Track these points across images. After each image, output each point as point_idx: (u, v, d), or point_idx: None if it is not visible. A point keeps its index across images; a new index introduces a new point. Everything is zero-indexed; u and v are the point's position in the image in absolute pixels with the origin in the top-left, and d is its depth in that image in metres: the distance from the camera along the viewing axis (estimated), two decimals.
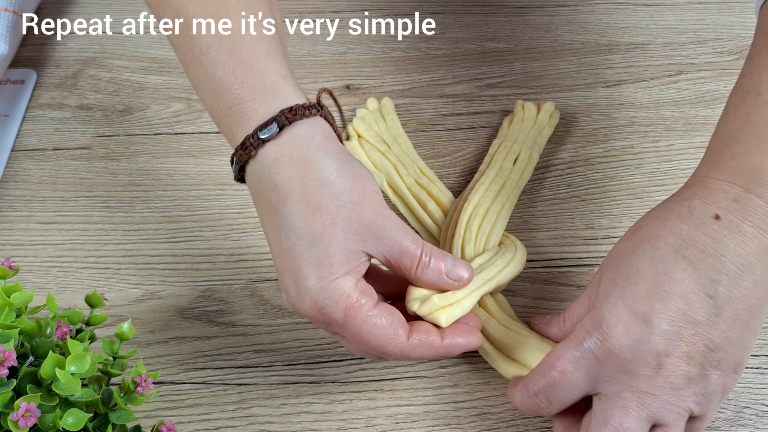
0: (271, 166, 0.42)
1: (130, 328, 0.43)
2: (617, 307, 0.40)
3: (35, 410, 0.35)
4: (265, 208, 0.43)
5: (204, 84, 0.45)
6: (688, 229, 0.40)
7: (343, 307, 0.41)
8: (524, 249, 0.54)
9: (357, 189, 0.42)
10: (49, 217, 0.60)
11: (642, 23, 0.72)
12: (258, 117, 0.43)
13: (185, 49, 0.45)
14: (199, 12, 0.45)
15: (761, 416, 0.49)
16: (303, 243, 0.41)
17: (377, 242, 0.42)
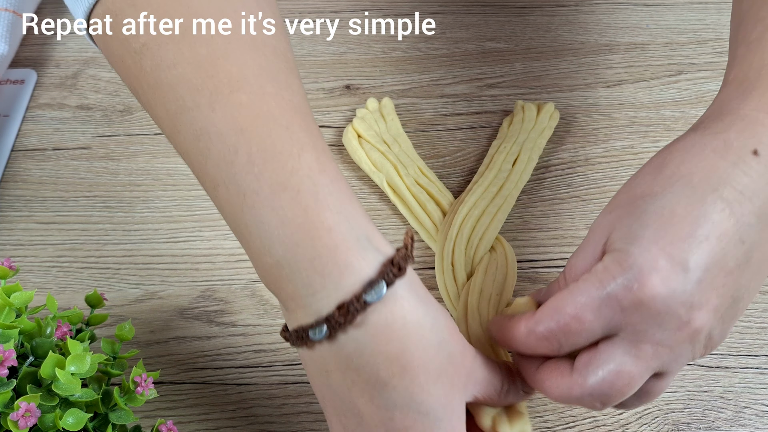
0: (380, 335, 0.35)
1: (130, 328, 0.44)
2: (651, 251, 0.35)
3: (35, 410, 0.35)
4: (363, 382, 0.35)
5: (272, 227, 0.35)
6: (725, 166, 0.36)
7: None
8: (513, 254, 0.54)
9: (460, 341, 0.37)
10: (49, 217, 0.60)
11: (642, 23, 0.72)
12: (356, 273, 0.34)
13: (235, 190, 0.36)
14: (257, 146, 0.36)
15: (761, 416, 0.49)
16: (427, 420, 0.36)
17: (477, 386, 0.39)
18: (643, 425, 0.48)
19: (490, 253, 0.54)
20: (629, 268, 0.35)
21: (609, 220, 0.38)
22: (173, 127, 0.38)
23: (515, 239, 0.57)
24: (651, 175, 0.38)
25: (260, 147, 0.35)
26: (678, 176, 0.37)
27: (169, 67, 0.37)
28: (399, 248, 0.36)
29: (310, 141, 0.36)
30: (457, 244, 0.53)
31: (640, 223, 0.36)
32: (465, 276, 0.53)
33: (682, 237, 0.35)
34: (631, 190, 0.38)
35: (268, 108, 0.36)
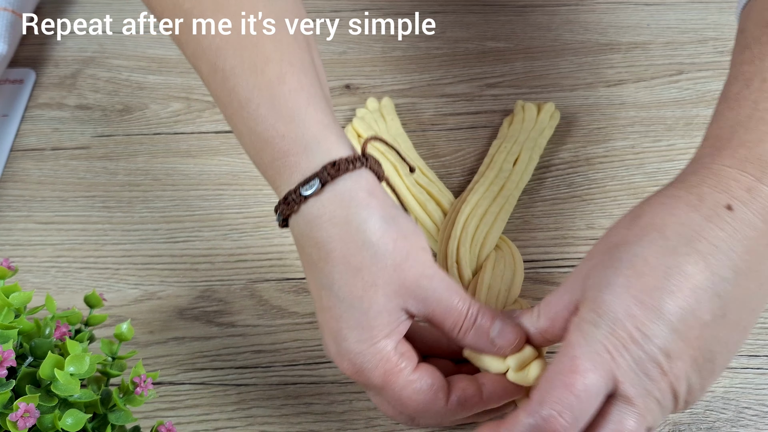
0: (312, 223, 0.41)
1: (129, 328, 0.43)
2: (623, 297, 0.36)
3: (34, 411, 0.35)
4: (307, 263, 0.42)
5: (246, 137, 0.43)
6: (699, 219, 0.36)
7: (382, 371, 0.40)
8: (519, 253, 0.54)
9: (400, 249, 0.40)
10: (47, 217, 0.59)
11: (643, 23, 0.72)
12: (301, 172, 0.41)
13: (225, 101, 0.44)
14: (236, 63, 0.43)
15: (762, 416, 0.49)
16: (343, 305, 0.40)
17: (419, 303, 0.41)
18: None
19: (496, 251, 0.54)
20: (604, 314, 0.36)
21: (586, 267, 0.39)
22: (184, 38, 0.46)
23: (516, 239, 0.56)
24: (626, 226, 0.39)
25: (232, 63, 0.43)
26: (652, 227, 0.37)
27: None
28: (351, 155, 0.41)
29: (277, 55, 0.43)
30: (462, 242, 0.53)
31: (613, 270, 0.37)
32: (471, 274, 0.53)
33: (655, 286, 0.36)
34: (608, 239, 0.39)
35: (239, 26, 0.43)
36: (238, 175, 0.61)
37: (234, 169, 0.62)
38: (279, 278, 0.56)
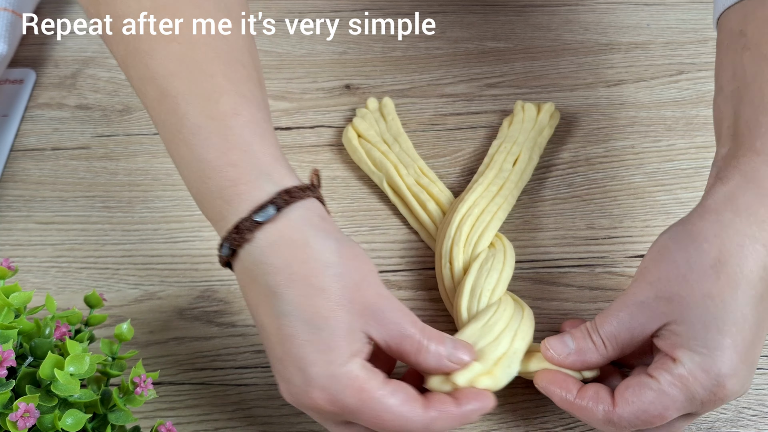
0: (268, 249, 0.40)
1: (129, 328, 0.43)
2: (733, 359, 0.39)
3: (34, 411, 0.35)
4: (261, 294, 0.40)
5: (191, 164, 0.42)
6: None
7: (355, 390, 0.39)
8: (512, 250, 0.53)
9: (357, 270, 0.41)
10: (47, 217, 0.59)
11: (643, 23, 0.72)
12: (253, 200, 0.40)
13: (171, 127, 0.42)
14: (188, 90, 0.42)
15: (762, 416, 0.49)
16: (308, 328, 0.39)
17: (379, 325, 0.40)
18: None
19: (488, 250, 0.54)
20: (715, 376, 0.39)
21: (664, 309, 0.41)
22: (125, 71, 0.45)
23: (516, 239, 0.56)
24: (711, 271, 0.40)
25: (182, 92, 0.42)
26: (741, 277, 0.40)
27: (119, 18, 0.44)
28: (302, 184, 0.42)
29: (231, 87, 0.42)
30: (455, 242, 0.53)
31: (717, 329, 0.40)
32: (463, 273, 0.52)
33: (751, 340, 0.40)
34: (690, 284, 0.41)
35: (194, 57, 0.42)
36: None
37: None
38: None
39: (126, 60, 0.44)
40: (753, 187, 0.41)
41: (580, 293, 0.54)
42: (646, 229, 0.57)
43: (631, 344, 0.43)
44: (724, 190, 0.42)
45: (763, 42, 0.44)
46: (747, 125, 0.43)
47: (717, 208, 0.42)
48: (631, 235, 0.57)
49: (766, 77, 0.43)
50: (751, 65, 0.44)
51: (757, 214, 0.40)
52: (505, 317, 0.47)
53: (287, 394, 0.41)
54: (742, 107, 0.44)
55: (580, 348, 0.44)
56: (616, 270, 0.55)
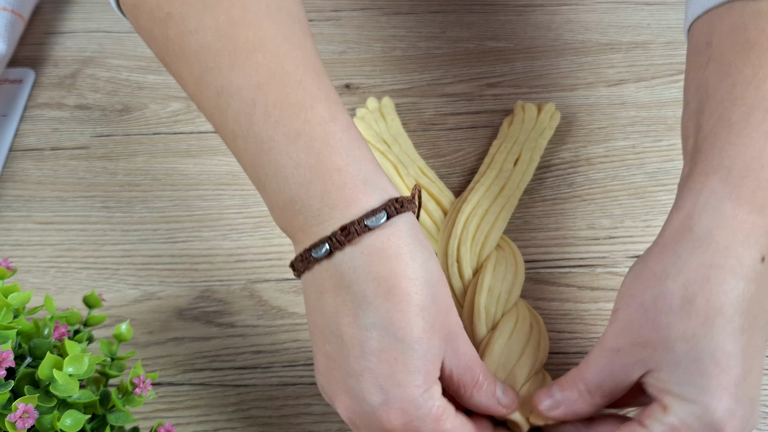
0: (374, 256, 0.38)
1: (128, 328, 0.43)
2: (724, 399, 0.37)
3: (33, 411, 0.35)
4: (349, 302, 0.38)
5: (286, 172, 0.40)
6: (746, 286, 0.37)
7: (432, 419, 0.38)
8: (520, 254, 0.54)
9: (447, 294, 0.40)
10: (47, 217, 0.59)
11: (643, 22, 0.72)
12: (362, 205, 0.39)
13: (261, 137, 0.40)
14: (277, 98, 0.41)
15: (763, 417, 0.49)
16: (399, 346, 0.37)
17: (453, 354, 0.40)
18: None
19: (497, 251, 0.54)
20: (710, 424, 0.37)
21: (641, 356, 0.39)
22: (197, 88, 0.42)
23: (516, 239, 0.56)
24: (681, 312, 0.38)
25: (275, 100, 0.40)
26: (713, 311, 0.37)
27: (191, 33, 0.41)
28: (408, 196, 0.40)
29: (323, 94, 0.41)
30: (462, 241, 0.53)
31: (700, 372, 0.37)
32: (471, 273, 0.52)
33: (741, 374, 0.37)
34: (661, 327, 0.38)
35: (282, 66, 0.41)
36: (238, 175, 0.61)
37: (233, 169, 0.62)
38: (279, 278, 0.55)
39: (200, 77, 0.42)
40: (709, 211, 0.39)
41: (580, 293, 0.54)
42: (647, 229, 0.57)
43: (618, 390, 0.41)
44: (680, 218, 0.40)
45: (727, 52, 0.42)
46: (705, 140, 0.41)
47: (675, 239, 0.39)
48: (632, 235, 0.57)
49: (727, 88, 0.41)
50: (714, 77, 0.42)
51: (717, 241, 0.38)
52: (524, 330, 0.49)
53: (349, 411, 0.39)
54: (702, 121, 0.42)
55: (568, 399, 0.42)
56: (617, 270, 0.55)
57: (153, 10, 0.43)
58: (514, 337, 0.48)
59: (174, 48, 0.42)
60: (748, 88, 0.40)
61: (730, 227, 0.38)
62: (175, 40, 0.42)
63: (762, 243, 0.38)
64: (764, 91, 0.40)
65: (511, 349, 0.48)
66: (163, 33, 0.43)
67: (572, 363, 0.50)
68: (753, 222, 0.38)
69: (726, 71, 0.41)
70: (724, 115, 0.40)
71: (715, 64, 0.42)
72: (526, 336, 0.49)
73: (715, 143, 0.40)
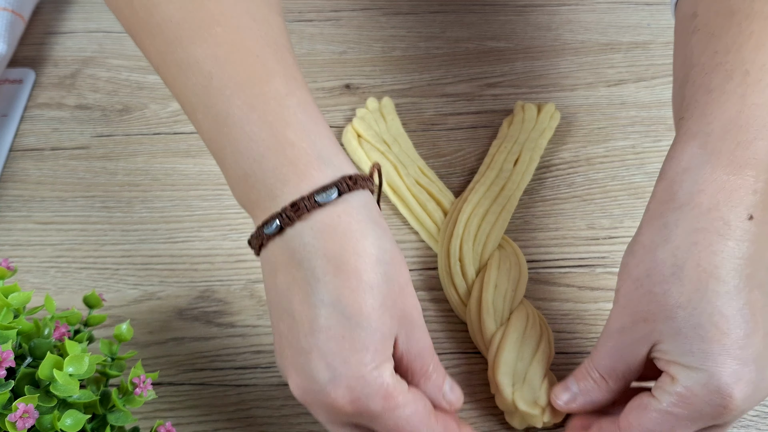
0: (324, 233, 0.38)
1: (128, 328, 0.43)
2: (728, 363, 0.37)
3: (33, 411, 0.35)
4: (300, 278, 0.38)
5: (240, 145, 0.40)
6: (736, 245, 0.37)
7: (381, 396, 0.38)
8: (522, 254, 0.54)
9: (402, 274, 0.39)
10: (47, 217, 0.59)
11: (643, 22, 0.72)
12: (313, 180, 0.38)
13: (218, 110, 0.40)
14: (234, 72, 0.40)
15: (763, 417, 0.49)
16: (347, 323, 0.37)
17: (407, 337, 0.40)
18: None
19: (499, 250, 0.54)
20: (716, 389, 0.37)
21: (644, 331, 0.39)
22: (160, 61, 0.43)
23: (516, 239, 0.56)
24: (673, 280, 0.38)
25: (231, 73, 0.40)
26: (705, 275, 0.37)
27: (156, 5, 0.42)
28: (363, 174, 0.40)
29: (281, 68, 0.41)
30: (464, 241, 0.53)
31: (701, 338, 0.37)
32: (474, 272, 0.52)
33: (743, 336, 0.37)
34: (667, 298, 0.38)
35: (241, 39, 0.41)
36: None
37: None
38: None
39: (163, 49, 0.42)
40: (690, 176, 0.39)
41: (580, 294, 0.54)
42: None
43: (632, 371, 0.41)
44: (663, 186, 0.40)
45: (710, 21, 0.42)
46: (687, 109, 0.41)
47: (661, 208, 0.40)
48: (631, 236, 0.56)
49: (708, 56, 0.41)
50: (698, 47, 0.42)
51: (700, 204, 0.38)
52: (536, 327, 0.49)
53: (299, 389, 0.39)
54: (686, 91, 0.42)
55: (584, 389, 0.42)
56: (617, 270, 0.55)
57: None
58: (528, 332, 0.49)
59: (139, 20, 0.43)
60: (728, 53, 0.40)
61: (712, 189, 0.38)
62: (140, 12, 0.42)
63: (747, 202, 0.37)
64: (744, 54, 0.40)
65: (525, 344, 0.48)
66: (128, 4, 0.43)
67: (573, 363, 0.50)
68: (734, 182, 0.38)
69: (708, 40, 0.41)
70: (704, 82, 0.40)
71: (699, 34, 0.42)
72: (539, 332, 0.49)
73: (695, 110, 0.40)
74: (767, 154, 0.38)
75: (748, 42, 0.40)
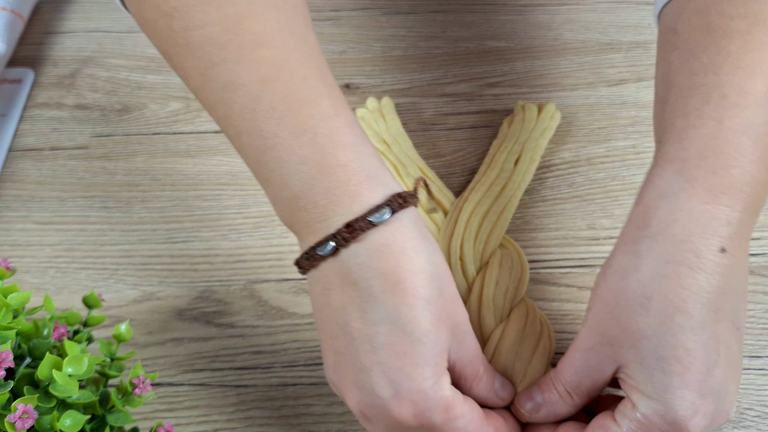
0: (379, 252, 0.38)
1: (127, 329, 0.43)
2: (686, 396, 0.37)
3: (32, 412, 0.35)
4: (356, 298, 0.39)
5: (290, 169, 0.40)
6: (705, 279, 0.37)
7: (443, 409, 0.38)
8: (523, 253, 0.54)
9: (452, 286, 0.40)
10: (46, 217, 0.59)
11: (644, 22, 0.72)
12: (366, 201, 0.39)
13: (265, 133, 0.40)
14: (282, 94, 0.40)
15: (764, 418, 0.49)
16: (407, 339, 0.38)
17: (459, 347, 0.40)
18: None
19: (501, 249, 0.54)
20: (673, 422, 0.37)
21: (610, 354, 0.39)
22: (202, 83, 0.42)
23: (517, 239, 0.56)
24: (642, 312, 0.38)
25: (280, 96, 0.40)
26: (672, 308, 0.37)
27: (197, 27, 0.41)
28: (411, 191, 0.41)
29: (326, 90, 0.41)
30: (465, 240, 0.53)
31: (662, 370, 0.37)
32: (475, 271, 0.52)
33: (706, 370, 0.37)
34: (624, 326, 0.38)
35: (287, 61, 0.41)
36: (237, 175, 0.61)
37: (233, 169, 0.62)
38: (278, 279, 0.55)
39: (205, 71, 0.42)
40: (666, 203, 0.39)
41: (581, 294, 0.54)
42: None
43: (596, 388, 0.41)
44: (639, 212, 0.40)
45: (690, 38, 0.42)
46: (665, 132, 0.41)
47: (634, 235, 0.39)
48: None
49: (686, 76, 0.40)
50: (677, 64, 0.42)
51: (674, 235, 0.38)
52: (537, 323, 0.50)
53: (360, 404, 0.39)
54: (665, 112, 0.41)
55: (548, 401, 0.42)
56: None
57: (158, 3, 0.42)
58: (528, 329, 0.49)
59: (179, 41, 0.42)
60: (706, 74, 0.40)
61: (686, 219, 0.38)
62: (181, 34, 0.42)
63: (721, 233, 0.37)
64: (721, 76, 0.39)
65: (526, 340, 0.48)
66: (168, 26, 0.42)
67: None
68: (710, 212, 0.37)
69: (687, 58, 0.41)
70: (681, 104, 0.40)
71: (678, 52, 0.42)
72: (539, 329, 0.49)
73: (672, 133, 0.40)
74: (743, 182, 0.37)
75: (726, 63, 0.39)
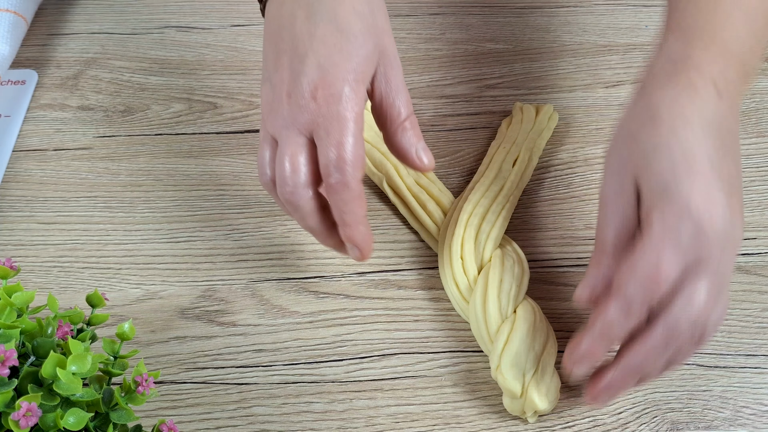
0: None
1: (130, 327, 0.44)
2: (698, 189, 0.41)
3: (36, 410, 0.35)
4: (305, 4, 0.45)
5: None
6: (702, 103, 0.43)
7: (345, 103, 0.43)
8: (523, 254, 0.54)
9: (386, 18, 0.47)
10: (50, 217, 0.60)
11: (641, 24, 0.72)
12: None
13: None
14: None
15: (760, 415, 0.49)
16: (341, 36, 0.44)
17: (384, 72, 0.46)
18: (642, 424, 0.48)
19: (501, 249, 0.54)
20: (687, 211, 0.41)
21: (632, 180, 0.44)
22: None
23: (515, 239, 0.57)
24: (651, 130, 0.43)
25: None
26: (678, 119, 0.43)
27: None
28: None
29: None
30: (466, 240, 0.53)
31: (671, 171, 0.42)
32: (476, 270, 0.53)
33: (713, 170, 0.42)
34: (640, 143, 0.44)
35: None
36: (239, 175, 0.62)
37: (235, 169, 0.62)
38: (280, 278, 0.56)
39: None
40: (666, 56, 0.46)
41: None
42: None
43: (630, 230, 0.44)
44: (645, 70, 0.47)
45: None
46: (670, 5, 0.48)
47: (642, 84, 0.46)
48: None
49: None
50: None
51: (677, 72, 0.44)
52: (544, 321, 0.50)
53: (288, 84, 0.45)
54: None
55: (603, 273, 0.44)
56: None
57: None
58: (537, 324, 0.50)
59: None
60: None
61: (684, 64, 0.45)
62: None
63: (715, 79, 0.44)
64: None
65: (535, 338, 0.49)
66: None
67: None
68: (706, 63, 0.44)
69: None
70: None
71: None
72: (546, 325, 0.50)
73: (677, 7, 0.47)
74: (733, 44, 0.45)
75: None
